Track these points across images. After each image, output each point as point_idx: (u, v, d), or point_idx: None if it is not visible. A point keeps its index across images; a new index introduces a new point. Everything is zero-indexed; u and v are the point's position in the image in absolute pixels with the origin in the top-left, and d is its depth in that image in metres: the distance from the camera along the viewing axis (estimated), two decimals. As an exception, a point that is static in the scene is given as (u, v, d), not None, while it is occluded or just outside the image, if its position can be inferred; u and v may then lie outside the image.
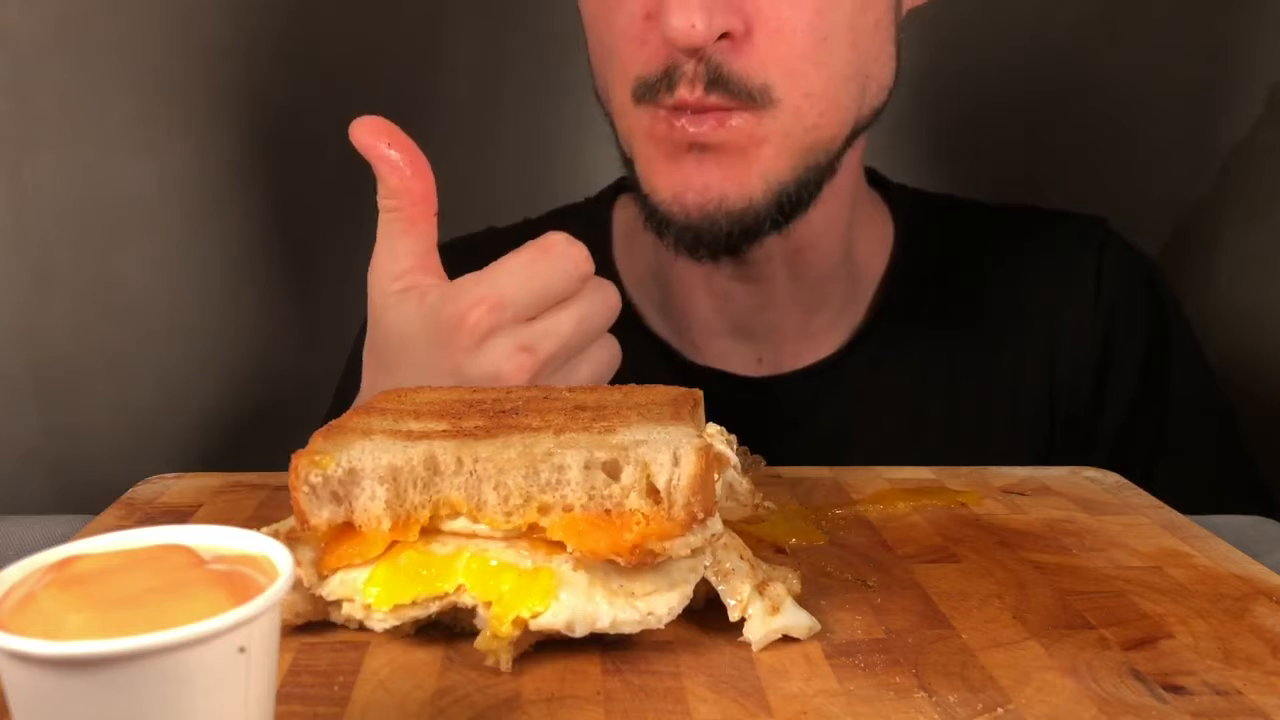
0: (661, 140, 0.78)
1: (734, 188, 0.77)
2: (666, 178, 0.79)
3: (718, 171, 0.77)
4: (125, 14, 1.14)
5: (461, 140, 1.30)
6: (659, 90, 0.76)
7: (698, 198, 0.78)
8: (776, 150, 0.78)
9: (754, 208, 0.79)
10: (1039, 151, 1.31)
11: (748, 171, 0.78)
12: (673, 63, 0.75)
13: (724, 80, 0.74)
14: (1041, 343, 0.94)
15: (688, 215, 0.78)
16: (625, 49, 0.78)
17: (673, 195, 0.79)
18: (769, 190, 0.78)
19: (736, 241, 0.80)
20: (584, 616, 0.50)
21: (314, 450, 0.53)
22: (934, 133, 1.30)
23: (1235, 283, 1.24)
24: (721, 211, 0.78)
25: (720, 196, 0.78)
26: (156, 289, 1.20)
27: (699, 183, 0.77)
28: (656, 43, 0.76)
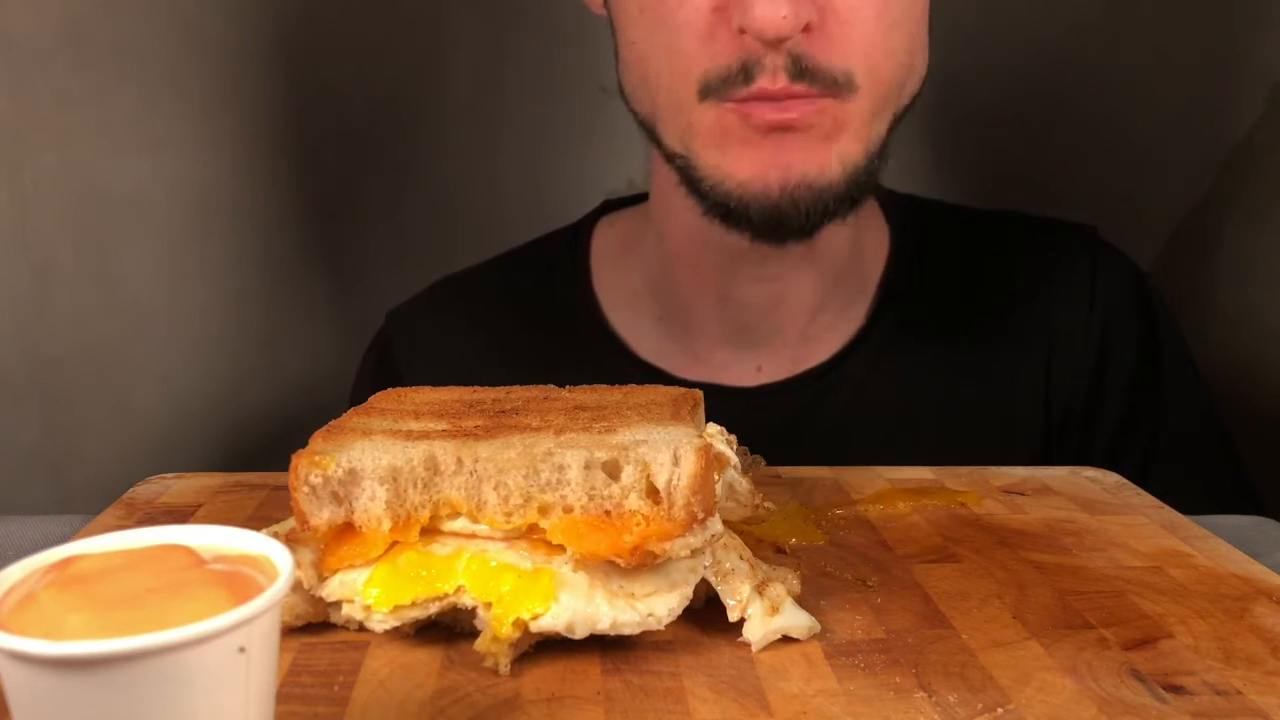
0: (732, 129, 0.77)
1: (815, 167, 0.77)
2: (745, 160, 0.78)
3: (799, 152, 0.77)
4: (125, 15, 1.14)
5: (462, 140, 1.30)
6: (734, 83, 0.75)
7: (781, 175, 0.77)
8: (854, 133, 0.78)
9: (833, 188, 0.78)
10: (1039, 153, 1.31)
11: (828, 153, 0.78)
12: (749, 56, 0.74)
13: (809, 71, 0.74)
14: (1037, 350, 0.94)
15: (769, 195, 0.78)
16: (689, 44, 0.76)
17: (754, 175, 0.78)
18: (845, 171, 0.79)
19: (815, 221, 0.80)
20: (584, 618, 0.50)
21: (314, 451, 0.53)
22: (934, 134, 1.30)
23: (1235, 283, 1.24)
24: (803, 189, 0.78)
25: (802, 174, 0.77)
26: (156, 289, 1.20)
27: (782, 161, 0.77)
28: (726, 37, 0.75)
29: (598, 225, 1.01)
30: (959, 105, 1.28)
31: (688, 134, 0.80)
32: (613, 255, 0.99)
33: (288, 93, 1.24)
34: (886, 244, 0.97)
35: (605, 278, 0.98)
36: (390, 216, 1.30)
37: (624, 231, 1.00)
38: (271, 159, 1.25)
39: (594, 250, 1.00)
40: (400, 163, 1.29)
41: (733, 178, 0.78)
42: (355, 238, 1.30)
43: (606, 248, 1.00)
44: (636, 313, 0.96)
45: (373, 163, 1.29)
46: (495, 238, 1.06)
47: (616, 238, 1.00)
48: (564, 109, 1.30)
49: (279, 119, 1.24)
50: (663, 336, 0.95)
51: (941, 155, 1.32)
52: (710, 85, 0.76)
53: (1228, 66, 1.24)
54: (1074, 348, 0.94)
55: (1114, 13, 1.26)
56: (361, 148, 1.28)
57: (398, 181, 1.30)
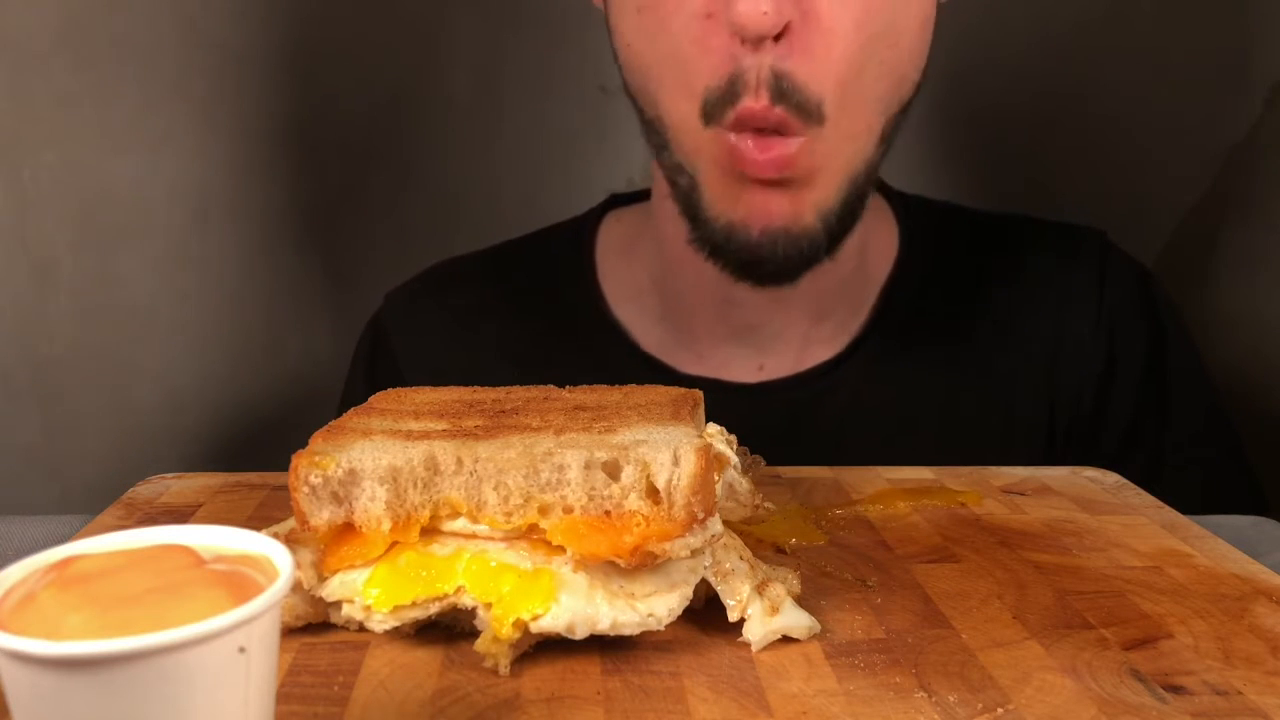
0: (729, 171, 0.79)
1: (792, 216, 0.79)
2: (734, 202, 0.80)
3: (781, 201, 0.79)
4: (126, 14, 1.14)
5: (462, 140, 1.30)
6: (726, 104, 0.76)
7: (762, 223, 0.79)
8: (827, 179, 0.79)
9: (809, 235, 0.80)
10: (1040, 152, 1.31)
11: (801, 204, 0.79)
12: (737, 69, 0.75)
13: (789, 93, 0.75)
14: (1042, 353, 0.94)
15: (750, 238, 0.80)
16: (686, 52, 0.77)
17: (740, 219, 0.80)
18: (819, 218, 0.80)
19: (794, 267, 0.82)
20: (584, 618, 0.50)
21: (314, 451, 0.53)
22: (936, 135, 1.30)
23: (1235, 284, 1.24)
24: (781, 234, 0.80)
25: (781, 221, 0.79)
26: (156, 289, 1.20)
27: (763, 209, 0.79)
28: (719, 45, 0.75)
29: (604, 220, 1.02)
30: (961, 105, 1.28)
31: (696, 158, 0.81)
32: (618, 250, 0.99)
33: (288, 92, 1.24)
34: (894, 244, 0.97)
35: (610, 272, 0.99)
36: (390, 216, 1.30)
37: (629, 228, 1.00)
38: (271, 159, 1.25)
39: (599, 244, 1.00)
40: (400, 162, 1.29)
41: (725, 215, 0.80)
42: (355, 237, 1.30)
43: (612, 243, 1.00)
44: (640, 308, 0.97)
45: (373, 162, 1.29)
46: (495, 237, 1.06)
47: (622, 233, 1.00)
48: (564, 109, 1.30)
49: (279, 119, 1.24)
50: (666, 332, 0.96)
51: (943, 154, 1.32)
52: (710, 109, 0.77)
53: (1228, 66, 1.24)
54: (1081, 352, 0.94)
55: (1115, 13, 1.26)
56: (361, 147, 1.28)
57: (398, 181, 1.30)
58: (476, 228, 1.29)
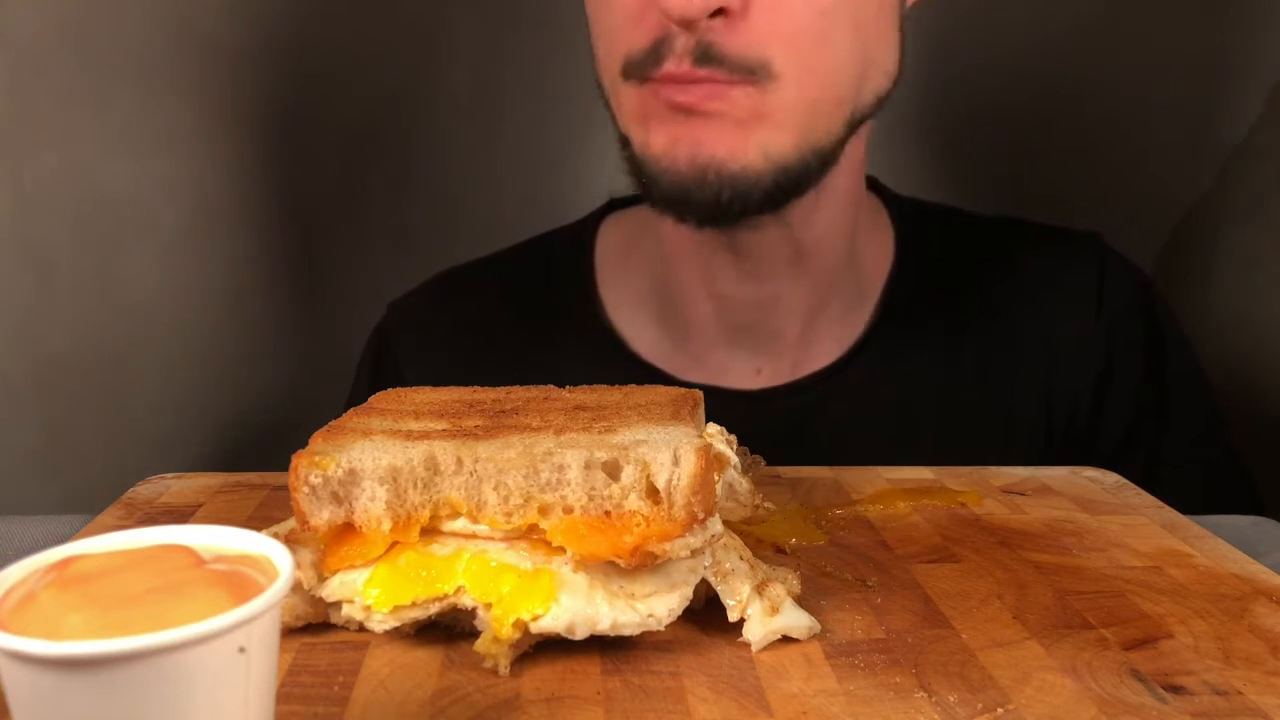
0: (651, 106, 0.78)
1: (725, 152, 0.77)
2: (657, 135, 0.79)
3: (709, 132, 0.77)
4: (126, 15, 1.14)
5: (462, 140, 1.30)
6: (646, 64, 0.77)
7: (688, 152, 0.77)
8: (778, 124, 0.77)
9: (749, 175, 0.78)
10: (1038, 153, 1.31)
11: (745, 139, 0.77)
12: (662, 36, 0.75)
13: (715, 56, 0.74)
14: (1040, 357, 0.94)
15: (678, 171, 0.78)
16: (619, 26, 0.78)
17: (663, 151, 0.78)
18: (769, 161, 0.78)
19: (725, 206, 0.79)
20: (584, 619, 0.50)
21: (314, 451, 0.53)
22: (934, 136, 1.30)
23: (1234, 284, 1.24)
24: (711, 170, 0.77)
25: (711, 155, 0.77)
26: (156, 289, 1.20)
27: (689, 139, 0.77)
28: (650, 20, 0.76)
29: (602, 224, 1.01)
30: (959, 106, 1.28)
31: (620, 113, 0.82)
32: (616, 255, 0.99)
33: (288, 93, 1.24)
34: (891, 248, 0.96)
35: (609, 277, 0.98)
36: (390, 216, 1.30)
37: (627, 231, 1.00)
38: (271, 159, 1.25)
39: (598, 249, 1.00)
40: (400, 163, 1.29)
41: (648, 151, 0.80)
42: (354, 237, 1.30)
43: (610, 247, 1.00)
44: (638, 313, 0.96)
45: (373, 162, 1.29)
46: (495, 237, 1.06)
47: (620, 237, 1.00)
48: (563, 108, 1.30)
49: (279, 119, 1.24)
50: (663, 337, 0.95)
51: (941, 156, 1.32)
52: (629, 65, 0.78)
53: (1228, 66, 1.24)
54: (1079, 356, 0.94)
55: (1114, 13, 1.26)
56: (361, 147, 1.28)
57: (397, 181, 1.30)
58: (476, 227, 1.29)
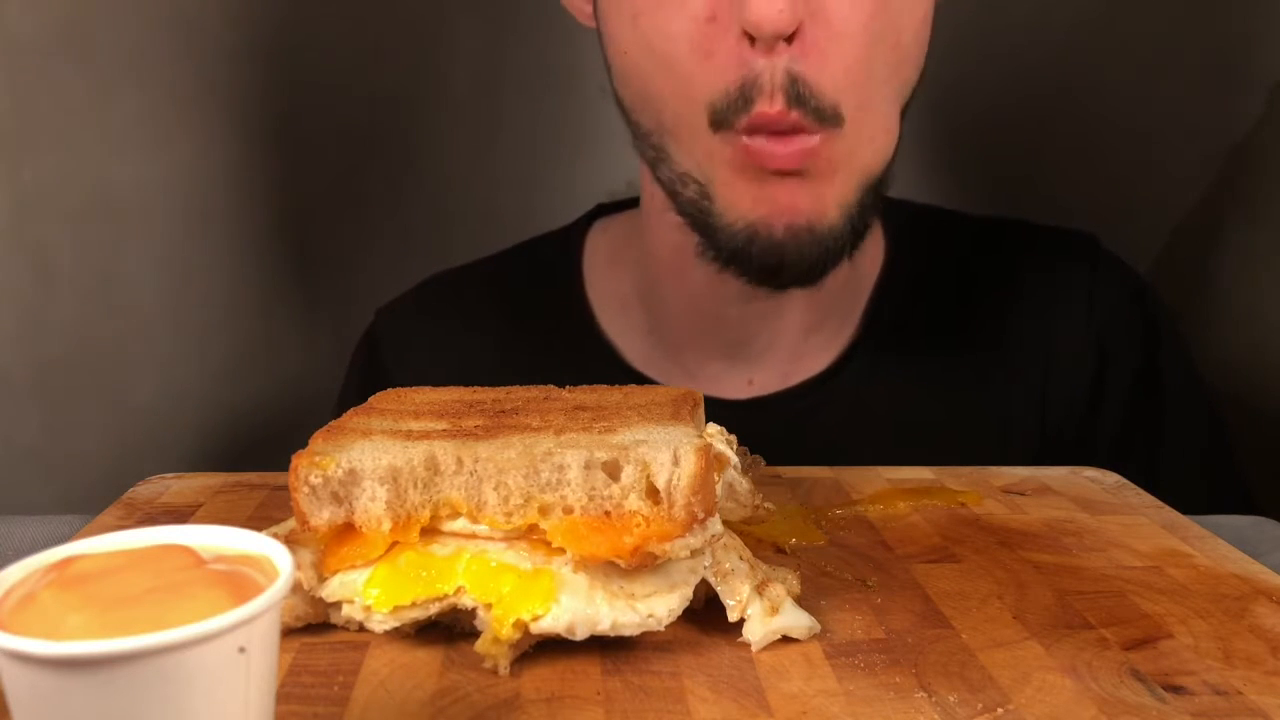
0: (745, 168, 0.76)
1: (816, 212, 0.76)
2: (754, 201, 0.77)
3: (804, 194, 0.76)
4: (126, 15, 1.14)
5: (460, 141, 1.30)
6: (737, 110, 0.74)
7: (785, 219, 0.76)
8: (846, 174, 0.77)
9: (833, 232, 0.78)
10: (1038, 153, 1.31)
11: (826, 197, 0.77)
12: (748, 75, 0.73)
13: (804, 98, 0.73)
14: (1034, 359, 0.93)
15: (774, 238, 0.77)
16: (688, 61, 0.74)
17: (758, 217, 0.77)
18: (843, 214, 0.78)
19: (817, 267, 0.79)
20: (584, 619, 0.50)
21: (314, 451, 0.53)
22: (933, 136, 1.30)
23: (1235, 284, 1.24)
24: (806, 233, 0.77)
25: (805, 218, 0.76)
26: (157, 289, 1.20)
27: (787, 204, 0.76)
28: (725, 51, 0.73)
29: (591, 229, 1.00)
30: (958, 106, 1.28)
31: (707, 164, 0.78)
32: (605, 261, 0.98)
33: (287, 93, 1.24)
34: (881, 251, 0.96)
35: (597, 284, 0.97)
36: (389, 217, 1.30)
37: (616, 238, 0.98)
38: (270, 159, 1.25)
39: (586, 255, 0.99)
40: (399, 163, 1.29)
41: (744, 218, 0.77)
42: (353, 238, 1.30)
43: (599, 254, 0.99)
44: (627, 321, 0.95)
45: (372, 163, 1.29)
46: (493, 238, 1.06)
47: (609, 244, 0.99)
48: (562, 109, 1.30)
49: (278, 119, 1.24)
50: (653, 346, 0.94)
51: (940, 156, 1.32)
52: (718, 114, 0.75)
53: (1228, 66, 1.24)
54: (1072, 358, 0.93)
55: (1114, 13, 1.26)
56: (360, 148, 1.28)
57: (396, 182, 1.30)
58: (475, 228, 1.29)
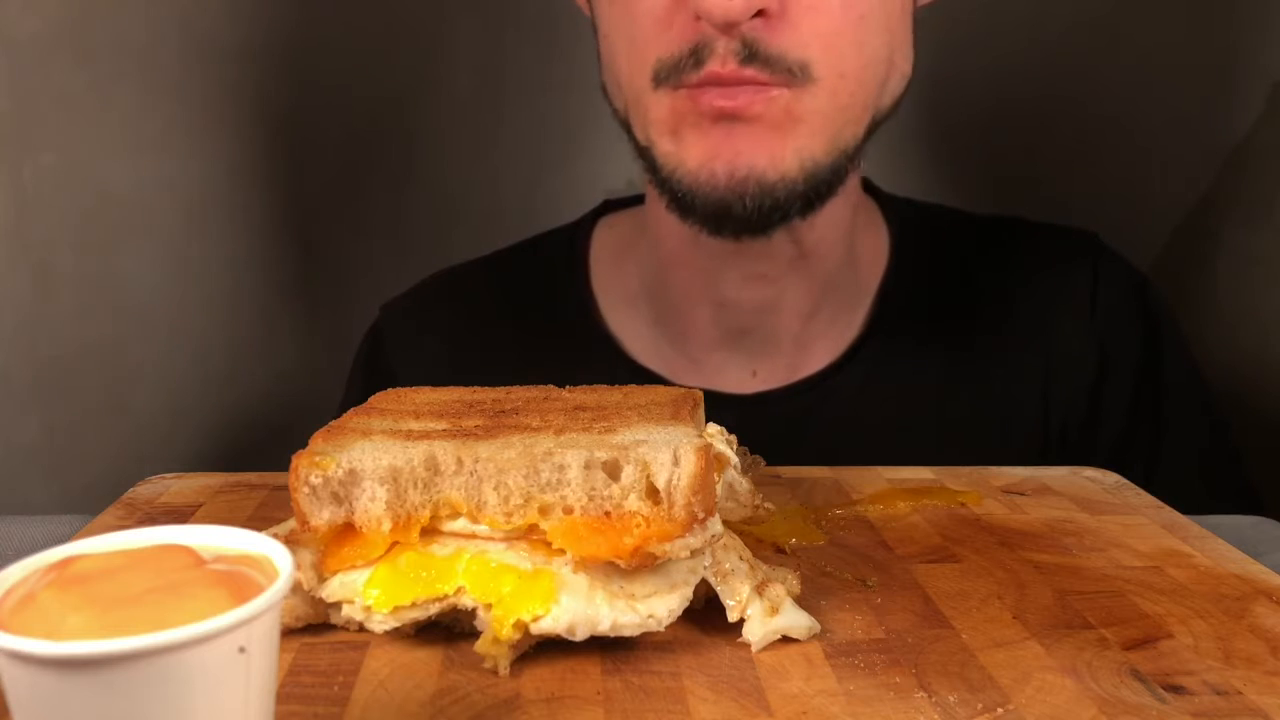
0: (686, 114, 0.76)
1: (765, 159, 0.75)
2: (693, 148, 0.76)
3: (749, 140, 0.75)
4: (126, 14, 1.14)
5: (462, 140, 1.30)
6: (684, 69, 0.74)
7: (727, 165, 0.75)
8: (812, 129, 0.76)
9: (786, 182, 0.76)
10: (1038, 153, 1.31)
11: (782, 145, 0.76)
12: (701, 40, 0.73)
13: (761, 56, 0.73)
14: (1036, 357, 0.93)
15: (716, 185, 0.76)
16: (647, 32, 0.76)
17: (700, 164, 0.76)
18: (803, 168, 0.77)
19: (765, 217, 0.78)
20: (585, 620, 0.50)
21: (314, 451, 0.53)
22: (934, 136, 1.30)
23: (1235, 284, 1.24)
24: (752, 181, 0.76)
25: (750, 165, 0.75)
26: (156, 289, 1.20)
27: (729, 150, 0.75)
28: (682, 24, 0.74)
29: (598, 225, 1.01)
30: (958, 106, 1.28)
31: (646, 122, 0.79)
32: (611, 256, 0.99)
33: (287, 93, 1.24)
34: (886, 249, 0.96)
35: (604, 279, 0.98)
36: (390, 216, 1.30)
37: (622, 233, 0.99)
38: (271, 159, 1.25)
39: (593, 251, 0.99)
40: (400, 163, 1.29)
41: (683, 165, 0.77)
42: (355, 237, 1.30)
43: (605, 249, 0.99)
44: (633, 315, 0.96)
45: (372, 163, 1.29)
46: (494, 238, 1.06)
47: (615, 239, 0.99)
48: (563, 109, 1.30)
49: (278, 119, 1.24)
50: (659, 340, 0.95)
51: (940, 156, 1.32)
52: (662, 71, 0.75)
53: (1228, 66, 1.24)
54: (1074, 356, 0.93)
55: (1113, 14, 1.26)
56: (361, 148, 1.28)
57: (397, 181, 1.30)
58: (476, 228, 1.29)
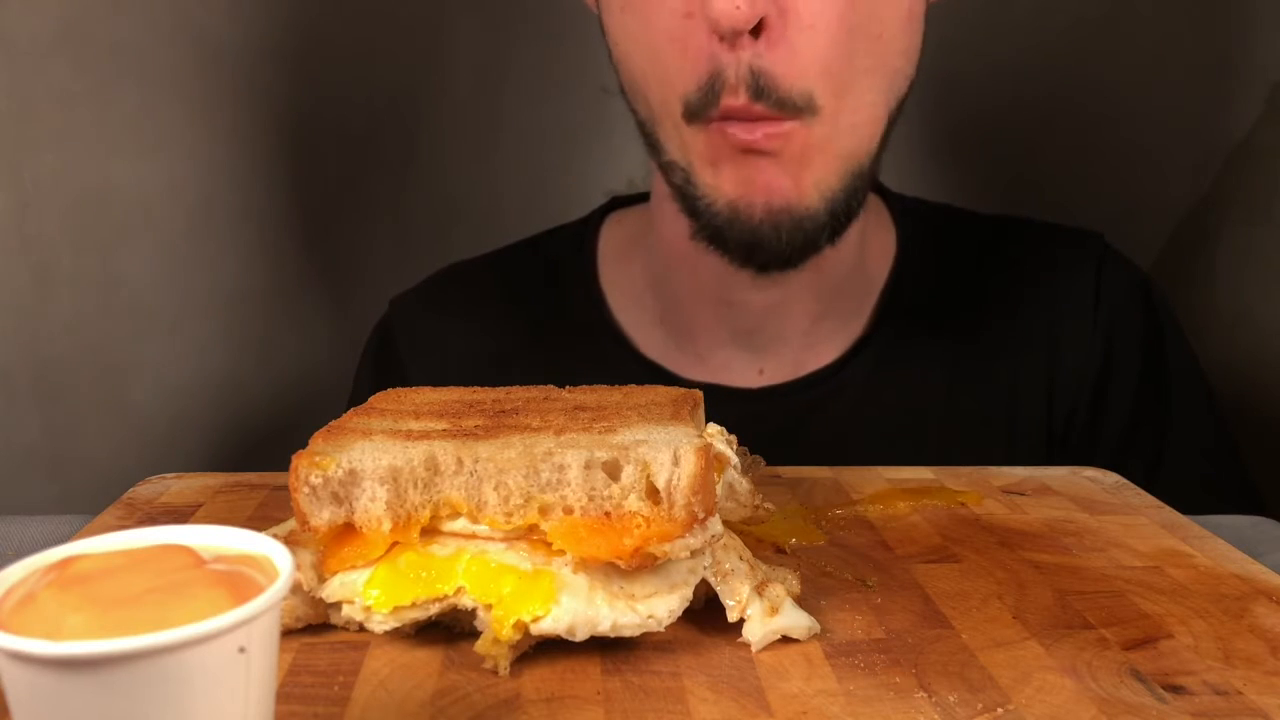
0: (721, 148, 0.78)
1: (794, 192, 0.78)
2: (730, 179, 0.78)
3: (777, 174, 0.77)
4: (126, 14, 1.14)
5: (462, 140, 1.30)
6: (708, 104, 0.76)
7: (763, 198, 0.78)
8: (826, 161, 0.78)
9: (811, 214, 0.79)
10: (1039, 154, 1.31)
11: (804, 180, 0.78)
12: (715, 69, 0.75)
13: (767, 91, 0.74)
14: (1040, 356, 0.94)
15: (753, 216, 0.78)
16: (667, 53, 0.77)
17: (738, 195, 0.78)
18: (822, 199, 0.79)
19: (798, 251, 0.80)
20: (585, 620, 0.50)
21: (314, 451, 0.53)
22: (934, 136, 1.30)
23: (1235, 284, 1.24)
24: (785, 214, 0.78)
25: (784, 198, 0.78)
26: (157, 289, 1.20)
27: (763, 183, 0.77)
28: (698, 44, 0.75)
29: (605, 222, 1.01)
30: (959, 106, 1.28)
31: (688, 153, 0.80)
32: (619, 253, 0.99)
33: (288, 92, 1.24)
34: (892, 248, 0.97)
35: (611, 275, 0.98)
36: (390, 216, 1.30)
37: (630, 230, 1.00)
38: (271, 159, 1.25)
39: (601, 247, 1.00)
40: (400, 163, 1.29)
41: (724, 196, 0.79)
42: (355, 238, 1.30)
43: (613, 245, 1.00)
44: (641, 311, 0.97)
45: (373, 163, 1.29)
46: (495, 238, 1.06)
47: (623, 236, 1.00)
48: (564, 109, 1.30)
49: (279, 119, 1.24)
50: (665, 336, 0.95)
51: (941, 156, 1.32)
52: (691, 109, 0.77)
53: (1228, 67, 1.24)
54: (1078, 355, 0.94)
55: (1114, 14, 1.26)
56: (361, 148, 1.28)
57: (398, 181, 1.30)
58: (477, 228, 1.29)
